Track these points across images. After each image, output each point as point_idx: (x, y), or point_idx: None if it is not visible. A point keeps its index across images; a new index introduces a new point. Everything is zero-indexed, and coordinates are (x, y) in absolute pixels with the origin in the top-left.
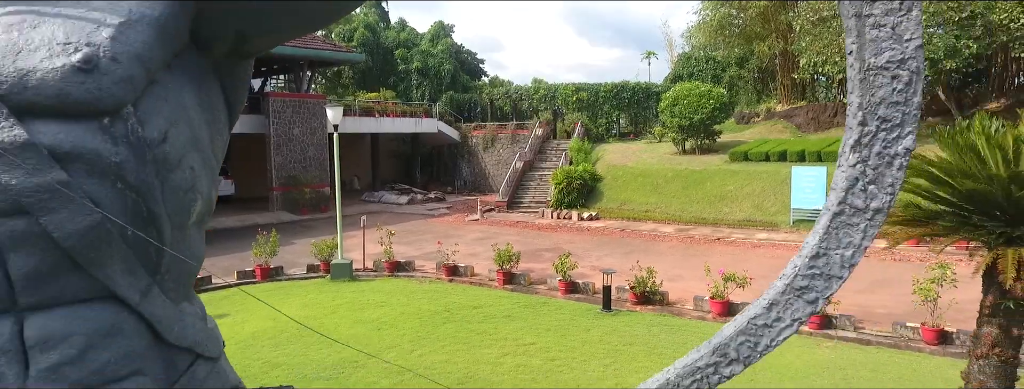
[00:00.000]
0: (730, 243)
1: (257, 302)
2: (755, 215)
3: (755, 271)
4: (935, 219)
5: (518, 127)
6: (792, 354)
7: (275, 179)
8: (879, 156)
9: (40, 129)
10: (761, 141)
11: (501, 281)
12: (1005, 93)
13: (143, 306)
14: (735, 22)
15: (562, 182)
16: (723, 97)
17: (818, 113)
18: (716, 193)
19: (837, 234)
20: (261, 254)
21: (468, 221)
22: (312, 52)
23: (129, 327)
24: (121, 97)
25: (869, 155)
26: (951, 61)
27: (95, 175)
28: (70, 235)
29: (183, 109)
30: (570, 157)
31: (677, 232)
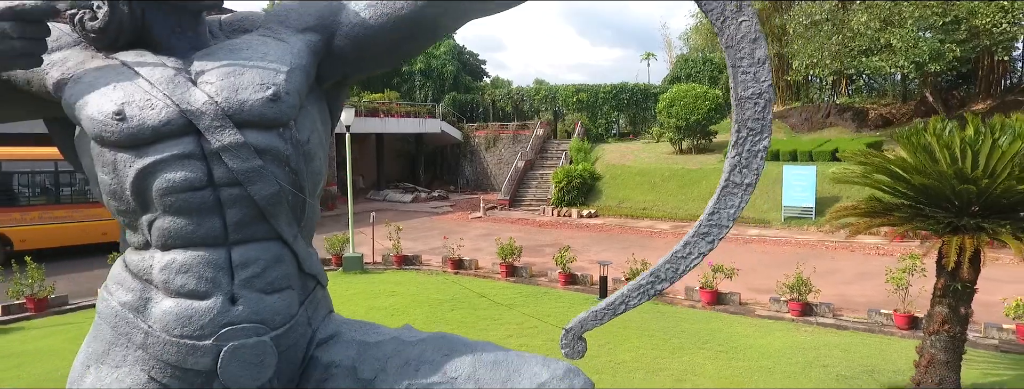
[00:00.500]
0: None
1: None
2: (748, 212)
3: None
4: (893, 211)
5: (519, 127)
6: (773, 336)
7: None
8: (748, 151)
9: (249, 135)
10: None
11: (504, 273)
12: (992, 94)
13: (294, 246)
14: None
15: (562, 181)
16: (718, 99)
17: (811, 114)
18: (711, 191)
19: (725, 199)
20: None
21: (471, 218)
22: None
23: (287, 258)
24: (290, 116)
25: (742, 150)
26: (935, 64)
27: (275, 162)
28: (263, 198)
29: (314, 121)
30: (570, 157)
31: (673, 229)
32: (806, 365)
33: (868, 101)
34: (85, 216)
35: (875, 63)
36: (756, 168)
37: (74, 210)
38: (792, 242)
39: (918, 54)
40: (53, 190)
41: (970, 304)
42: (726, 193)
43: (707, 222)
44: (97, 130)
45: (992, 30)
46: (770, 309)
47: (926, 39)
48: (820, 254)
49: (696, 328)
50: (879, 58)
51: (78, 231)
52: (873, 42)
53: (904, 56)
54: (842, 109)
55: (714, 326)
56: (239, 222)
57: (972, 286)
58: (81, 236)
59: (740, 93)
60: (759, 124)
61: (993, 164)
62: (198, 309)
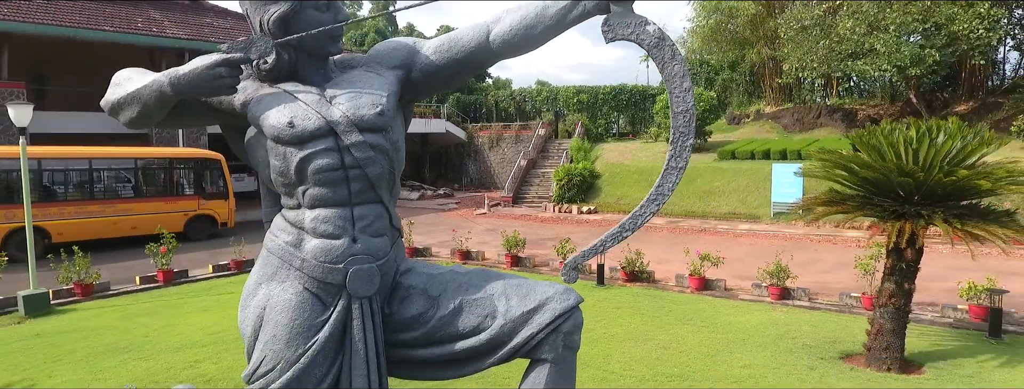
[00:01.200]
0: (715, 233)
1: None
2: (739, 208)
3: (734, 256)
4: (848, 200)
5: (522, 127)
6: (751, 315)
7: None
8: (681, 146)
9: (366, 136)
10: (748, 141)
11: (509, 263)
12: (974, 96)
13: (389, 207)
14: (727, 27)
15: (563, 179)
16: (713, 100)
17: (803, 114)
18: (705, 188)
19: (666, 176)
20: None
21: (477, 214)
22: None
23: (384, 215)
24: (389, 124)
25: (676, 146)
26: (916, 68)
27: (381, 153)
28: (374, 176)
29: (400, 126)
30: (571, 156)
31: (668, 224)
32: (777, 337)
33: (857, 102)
34: (116, 211)
35: (860, 66)
36: (685, 157)
37: (106, 205)
38: (780, 235)
39: (900, 58)
40: (87, 187)
41: (913, 281)
42: (667, 173)
43: (655, 192)
44: (275, 133)
45: (969, 36)
46: (752, 293)
47: (908, 44)
48: (804, 246)
49: (682, 308)
50: (864, 62)
51: (110, 225)
52: (858, 46)
53: (887, 60)
54: (833, 110)
55: (699, 307)
56: (358, 191)
57: (915, 265)
58: (112, 230)
59: (675, 109)
60: (686, 129)
61: (929, 160)
62: (334, 245)
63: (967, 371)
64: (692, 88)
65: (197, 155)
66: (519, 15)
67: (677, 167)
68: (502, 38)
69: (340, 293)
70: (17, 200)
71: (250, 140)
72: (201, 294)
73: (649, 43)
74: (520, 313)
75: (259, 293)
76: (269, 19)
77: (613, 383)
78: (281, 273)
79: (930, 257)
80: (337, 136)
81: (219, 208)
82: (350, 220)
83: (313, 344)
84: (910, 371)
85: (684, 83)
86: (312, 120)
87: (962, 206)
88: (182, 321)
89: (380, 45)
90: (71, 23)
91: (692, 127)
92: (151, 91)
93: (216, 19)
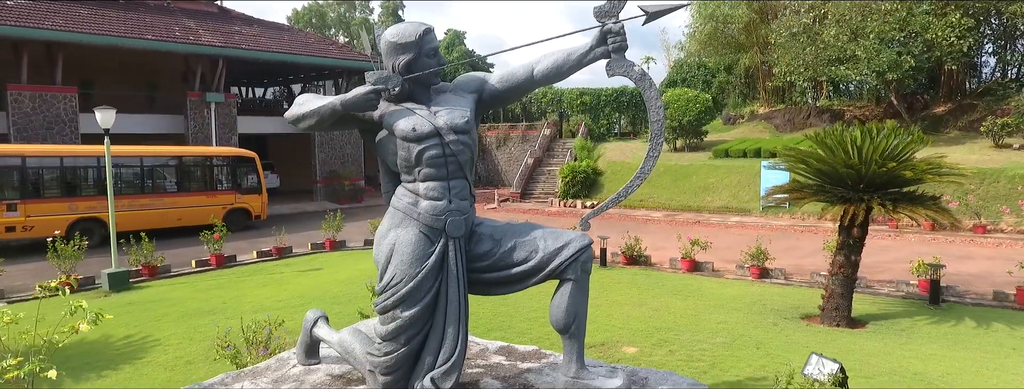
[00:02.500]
0: (708, 225)
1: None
2: (731, 203)
3: (723, 244)
4: (805, 188)
5: (528, 128)
6: (731, 288)
7: (318, 173)
8: (655, 144)
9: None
10: (741, 140)
11: None
12: (952, 99)
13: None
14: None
15: (568, 176)
16: (708, 102)
17: (794, 115)
18: (700, 184)
19: (646, 162)
20: (329, 230)
21: (487, 209)
22: (351, 63)
23: (467, 187)
24: (471, 129)
25: (652, 143)
26: (893, 73)
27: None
28: (464, 161)
29: (475, 130)
30: (575, 154)
31: (665, 217)
32: (751, 303)
33: (845, 104)
34: (163, 204)
35: (842, 71)
36: (658, 149)
37: (155, 199)
38: (767, 227)
39: (879, 64)
40: (138, 182)
41: (859, 254)
42: (647, 160)
43: (639, 173)
44: (403, 135)
45: (942, 43)
46: (735, 273)
47: (887, 50)
48: (788, 236)
49: (673, 284)
50: (846, 67)
51: (158, 216)
52: (842, 53)
53: (867, 65)
54: (822, 111)
55: (688, 283)
56: (453, 171)
57: (860, 241)
58: (160, 221)
59: (651, 118)
60: (659, 135)
61: (868, 155)
62: (438, 205)
63: (901, 327)
64: (662, 106)
65: (234, 153)
66: (553, 59)
67: (653, 156)
68: (542, 73)
69: (441, 235)
70: (79, 193)
71: (381, 139)
72: (253, 274)
73: (635, 78)
74: (553, 249)
75: (389, 235)
76: (398, 64)
77: (614, 333)
78: (405, 222)
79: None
80: (441, 136)
81: (253, 202)
82: (448, 189)
83: (425, 267)
84: (855, 327)
85: (657, 103)
86: (426, 127)
87: (896, 192)
88: (248, 293)
89: (462, 77)
90: (118, 33)
91: (662, 131)
92: (328, 109)
93: (243, 27)
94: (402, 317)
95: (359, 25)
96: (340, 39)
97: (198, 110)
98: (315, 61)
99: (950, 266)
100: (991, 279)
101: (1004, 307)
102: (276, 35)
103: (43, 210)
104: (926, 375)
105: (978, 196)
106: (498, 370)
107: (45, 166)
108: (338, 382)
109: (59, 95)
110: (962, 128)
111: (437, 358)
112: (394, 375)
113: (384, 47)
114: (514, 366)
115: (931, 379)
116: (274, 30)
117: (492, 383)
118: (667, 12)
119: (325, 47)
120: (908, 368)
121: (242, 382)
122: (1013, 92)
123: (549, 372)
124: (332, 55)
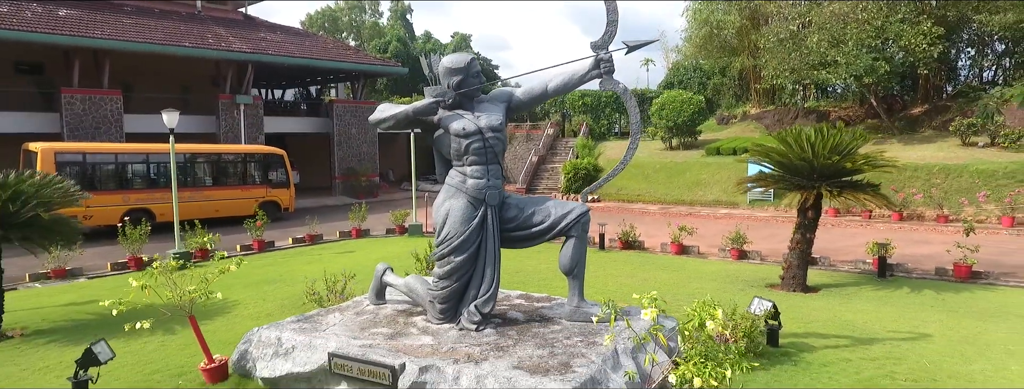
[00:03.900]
0: (699, 216)
1: (366, 243)
2: (721, 197)
3: (711, 232)
4: (768, 178)
5: (532, 127)
6: (711, 266)
7: (337, 170)
8: (634, 139)
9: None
10: (732, 139)
11: None
12: (928, 101)
13: (502, 166)
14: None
15: (570, 172)
16: (701, 103)
17: (783, 116)
18: (693, 180)
19: (628, 153)
20: (355, 219)
21: None
22: (367, 67)
23: (502, 170)
24: (503, 128)
25: (631, 139)
26: (869, 77)
27: (499, 142)
28: (500, 151)
29: (505, 129)
30: (577, 152)
31: (660, 210)
32: (726, 276)
33: (831, 105)
34: (203, 197)
35: (824, 75)
36: (636, 144)
37: (196, 192)
38: (752, 218)
39: (856, 68)
40: (183, 177)
41: (814, 232)
42: (628, 152)
43: (622, 161)
44: (456, 132)
45: (915, 50)
46: (718, 255)
47: (863, 56)
48: (770, 226)
49: (662, 262)
50: (827, 71)
51: (198, 208)
52: (823, 58)
53: (846, 70)
54: (809, 112)
55: (674, 261)
56: (490, 158)
57: (814, 221)
58: (200, 212)
59: (631, 120)
60: (637, 134)
61: (819, 150)
62: (480, 183)
63: (847, 293)
64: (639, 112)
65: (265, 151)
66: (561, 78)
67: (632, 148)
68: (553, 89)
69: (482, 204)
70: (130, 187)
71: (439, 136)
72: (296, 256)
73: (619, 92)
74: (561, 214)
75: (445, 204)
76: (452, 83)
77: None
78: (456, 195)
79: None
80: (482, 134)
81: (282, 195)
82: (487, 171)
83: (471, 225)
84: (809, 292)
85: (635, 109)
86: (472, 127)
87: (842, 181)
88: (297, 268)
89: (496, 90)
90: (158, 40)
91: (639, 129)
92: (402, 114)
93: (268, 34)
94: (454, 261)
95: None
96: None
97: (228, 111)
98: (333, 65)
99: (909, 249)
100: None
101: (942, 280)
102: (298, 41)
103: (102, 201)
104: (853, 322)
105: (942, 189)
106: (520, 307)
107: (102, 162)
108: (402, 315)
109: (106, 98)
110: (936, 128)
111: (478, 292)
112: (447, 304)
113: (441, 70)
114: (531, 305)
115: (855, 325)
116: (296, 36)
117: (516, 314)
118: (641, 46)
119: (342, 52)
120: (840, 317)
121: (332, 314)
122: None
123: (557, 307)
124: (349, 59)
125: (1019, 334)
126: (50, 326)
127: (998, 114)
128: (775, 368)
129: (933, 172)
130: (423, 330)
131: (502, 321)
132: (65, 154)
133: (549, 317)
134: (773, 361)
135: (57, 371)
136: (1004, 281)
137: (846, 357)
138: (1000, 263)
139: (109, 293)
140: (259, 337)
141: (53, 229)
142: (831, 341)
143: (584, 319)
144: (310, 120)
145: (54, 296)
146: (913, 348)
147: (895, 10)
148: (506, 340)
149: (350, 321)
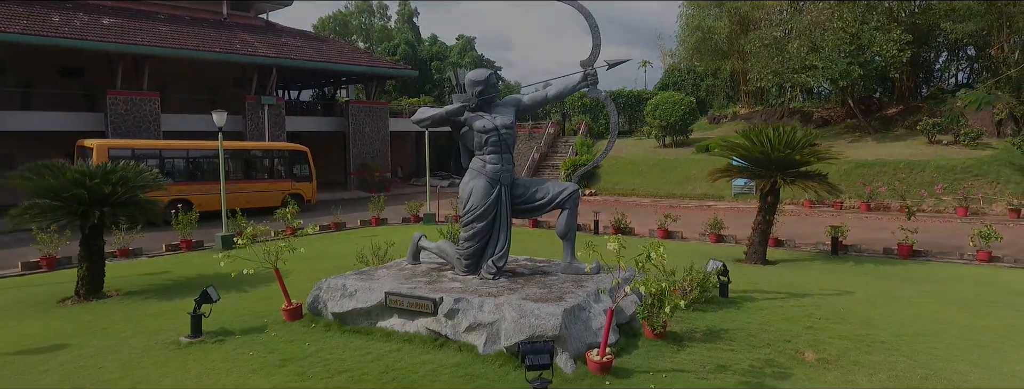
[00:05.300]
0: (688, 208)
1: (385, 230)
2: (709, 191)
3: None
4: (734, 168)
5: (534, 126)
6: (691, 247)
7: (352, 166)
8: (611, 138)
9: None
10: (721, 137)
11: (531, 225)
12: (903, 102)
13: (512, 155)
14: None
15: (570, 169)
16: (692, 104)
17: (770, 116)
18: (683, 175)
19: (607, 146)
20: (375, 209)
21: None
22: (381, 70)
23: (512, 159)
24: (513, 126)
25: (610, 136)
26: (843, 80)
27: (511, 137)
28: (510, 143)
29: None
30: (576, 150)
31: (652, 202)
32: (701, 253)
33: (814, 106)
34: (236, 190)
35: (803, 78)
36: (613, 141)
37: (230, 185)
38: (735, 209)
39: (832, 72)
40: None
41: (773, 215)
42: (608, 145)
43: (602, 153)
44: (479, 129)
45: (886, 55)
46: (699, 239)
47: (839, 61)
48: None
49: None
50: (806, 75)
51: (232, 199)
52: (803, 62)
53: (823, 74)
54: (793, 112)
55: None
56: (503, 149)
57: (774, 205)
58: (234, 202)
59: (611, 122)
60: (614, 134)
61: (776, 144)
62: (495, 167)
63: (800, 265)
64: (618, 114)
65: (290, 148)
66: (558, 87)
67: (613, 141)
68: (553, 95)
69: (498, 183)
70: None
71: (465, 132)
72: (324, 240)
73: (603, 98)
74: (558, 191)
75: (470, 183)
76: (475, 92)
77: None
78: (478, 176)
79: (836, 219)
80: (498, 130)
81: (305, 188)
82: (501, 159)
83: (489, 199)
84: (767, 265)
85: (614, 113)
86: (490, 125)
87: (795, 172)
88: (332, 248)
89: (507, 97)
90: (192, 46)
91: (617, 127)
92: (439, 115)
93: (289, 38)
94: (476, 227)
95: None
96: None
97: (254, 111)
98: (350, 68)
99: (868, 235)
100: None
101: (887, 257)
102: (317, 45)
103: None
104: (794, 284)
105: (906, 183)
106: (525, 266)
107: (148, 156)
108: (434, 271)
109: (146, 99)
110: (908, 127)
111: (495, 250)
112: (471, 260)
113: (467, 82)
114: (534, 264)
115: (795, 285)
116: (314, 41)
117: (523, 269)
118: (618, 64)
119: (356, 55)
120: (784, 280)
121: (380, 270)
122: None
123: (554, 265)
124: (363, 62)
125: (926, 293)
126: (138, 289)
127: (963, 116)
128: (722, 310)
129: (899, 167)
130: (453, 279)
131: (512, 273)
132: (117, 149)
133: (548, 271)
134: (721, 306)
135: (164, 317)
136: (939, 258)
137: (779, 305)
138: (943, 245)
139: (173, 268)
140: (328, 284)
141: (145, 208)
142: (771, 295)
143: (575, 272)
144: (326, 119)
145: (128, 269)
146: (835, 299)
147: (868, 18)
148: (516, 284)
149: (395, 274)
